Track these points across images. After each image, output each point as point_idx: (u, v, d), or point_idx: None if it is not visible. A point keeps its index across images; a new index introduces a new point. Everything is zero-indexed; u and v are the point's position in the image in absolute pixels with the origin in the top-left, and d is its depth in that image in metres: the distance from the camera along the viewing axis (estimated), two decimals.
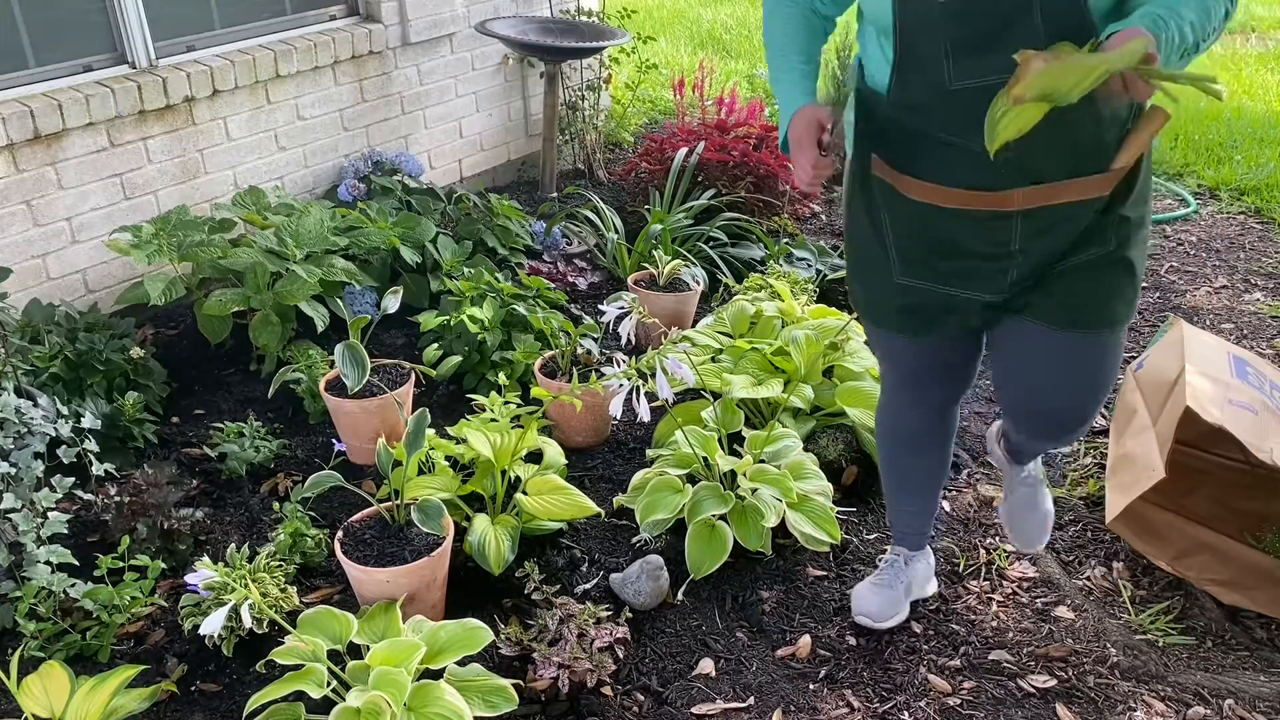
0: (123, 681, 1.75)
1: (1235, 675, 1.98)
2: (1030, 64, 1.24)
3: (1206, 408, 2.06)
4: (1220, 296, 3.55)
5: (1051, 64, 1.23)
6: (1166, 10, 1.32)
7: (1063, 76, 1.24)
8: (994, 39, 1.39)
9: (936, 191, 1.57)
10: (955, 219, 1.58)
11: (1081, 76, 1.24)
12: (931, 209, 1.59)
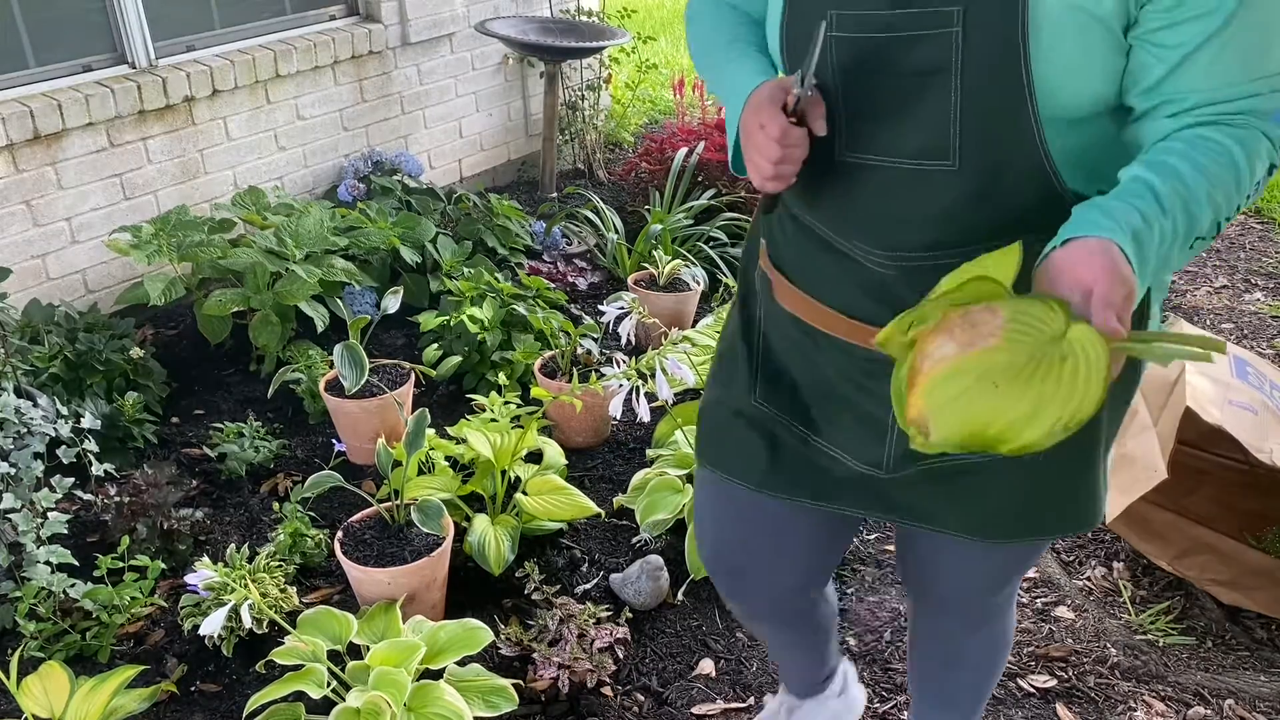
0: (122, 682, 1.75)
1: (1236, 675, 1.98)
2: (930, 344, 0.80)
3: (1206, 408, 2.06)
4: (1220, 296, 3.55)
5: (973, 355, 0.78)
6: (1172, 183, 0.88)
7: (992, 401, 0.78)
8: (894, 104, 0.99)
9: (805, 304, 1.16)
10: (826, 346, 1.16)
11: (1032, 402, 0.78)
12: (799, 325, 1.19)
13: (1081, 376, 0.77)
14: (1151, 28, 0.89)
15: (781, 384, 1.25)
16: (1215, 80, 0.90)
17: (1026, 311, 0.80)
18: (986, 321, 0.80)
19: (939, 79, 0.95)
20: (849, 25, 0.99)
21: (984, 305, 0.81)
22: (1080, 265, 0.83)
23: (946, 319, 0.81)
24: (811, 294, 1.16)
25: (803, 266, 1.17)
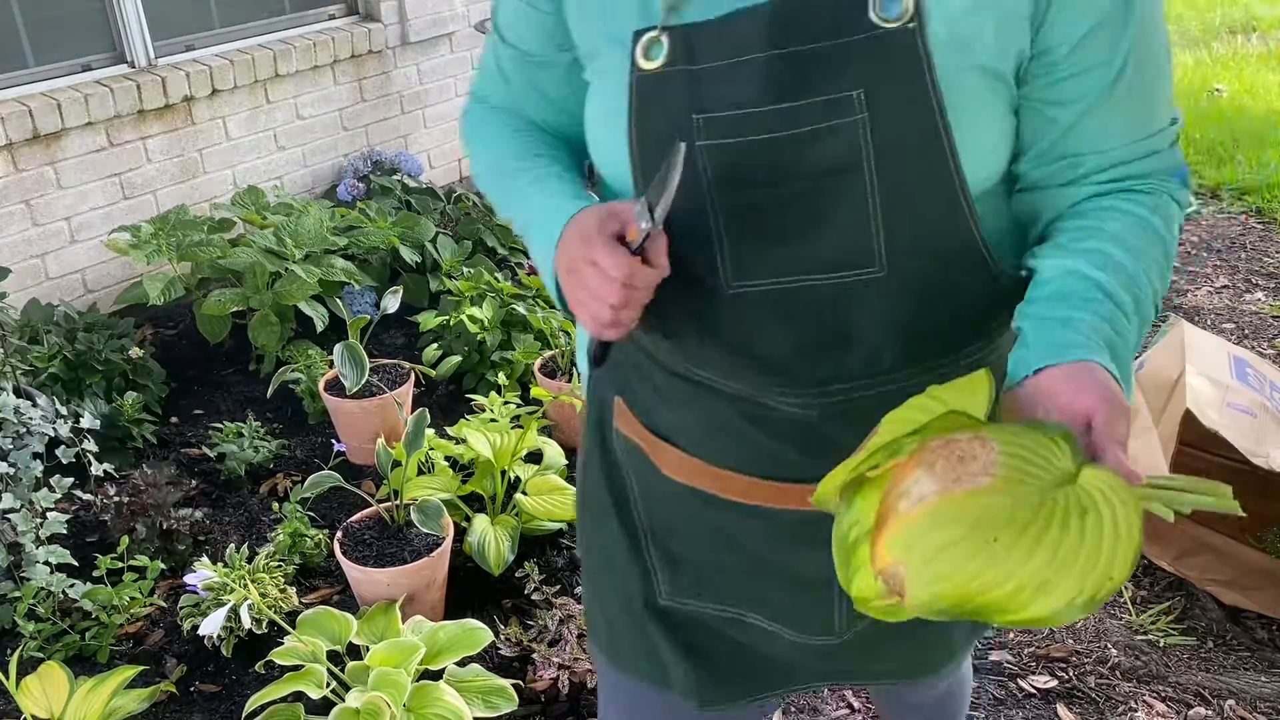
0: (122, 682, 1.75)
1: (1236, 675, 1.98)
2: (905, 479, 0.65)
3: (1205, 411, 2.06)
4: (1221, 296, 3.54)
5: (962, 496, 0.63)
6: (1119, 277, 0.81)
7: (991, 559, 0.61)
8: (795, 216, 0.82)
9: (706, 473, 0.96)
10: (744, 516, 0.97)
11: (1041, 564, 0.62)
12: (701, 497, 0.98)
13: (1108, 535, 0.61)
14: (1041, 85, 0.83)
15: (689, 571, 1.02)
16: (1111, 140, 0.85)
17: (1025, 445, 0.65)
18: (975, 454, 0.64)
19: (848, 177, 0.80)
20: (722, 130, 0.81)
21: (971, 434, 0.65)
22: (1071, 394, 0.71)
23: (925, 448, 0.65)
24: (712, 461, 0.94)
25: (693, 427, 0.94)
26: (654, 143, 0.83)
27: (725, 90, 0.81)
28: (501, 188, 1.00)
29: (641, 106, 0.84)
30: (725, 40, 0.81)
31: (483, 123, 1.04)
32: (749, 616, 1.03)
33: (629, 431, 1.02)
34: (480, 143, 1.03)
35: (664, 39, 0.82)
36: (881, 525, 0.65)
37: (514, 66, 1.00)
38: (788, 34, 0.79)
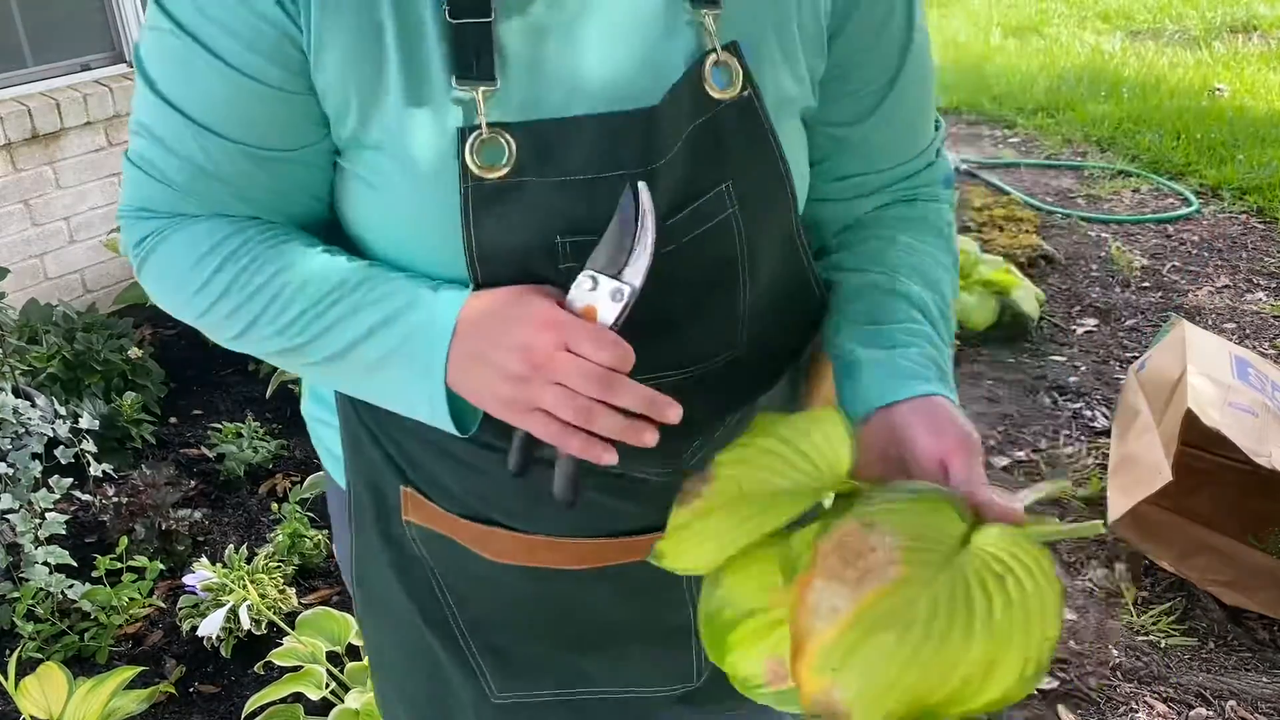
0: (121, 683, 1.74)
1: (1238, 676, 1.98)
2: (809, 593, 0.59)
3: (1207, 410, 2.06)
4: (1222, 296, 3.54)
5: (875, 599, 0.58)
6: (930, 295, 0.82)
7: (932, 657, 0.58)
8: (671, 319, 0.77)
9: (549, 548, 0.85)
10: (595, 582, 0.87)
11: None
12: (542, 574, 0.87)
13: (1032, 594, 0.58)
14: (824, 106, 0.82)
15: (523, 661, 0.90)
16: (893, 155, 0.86)
17: (914, 520, 0.62)
18: (872, 546, 0.59)
19: (726, 271, 0.76)
20: (591, 251, 0.71)
21: (853, 522, 0.61)
22: (926, 438, 0.69)
23: (818, 554, 0.60)
24: (552, 533, 0.84)
25: (522, 502, 0.83)
26: (504, 260, 0.71)
27: (591, 208, 0.70)
28: (293, 314, 0.74)
29: (482, 221, 0.70)
30: (582, 149, 0.70)
31: (190, 247, 0.76)
32: (600, 693, 0.93)
33: (427, 523, 0.86)
34: (213, 273, 0.75)
35: (504, 139, 0.69)
36: (798, 654, 0.58)
37: (231, 162, 0.74)
38: (654, 144, 0.71)
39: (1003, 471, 2.62)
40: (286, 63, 0.69)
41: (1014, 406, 2.90)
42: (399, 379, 0.73)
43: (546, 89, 0.71)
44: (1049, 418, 2.85)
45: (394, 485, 0.87)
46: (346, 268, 0.75)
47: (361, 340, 0.73)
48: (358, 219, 0.78)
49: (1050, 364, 3.12)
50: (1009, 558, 0.60)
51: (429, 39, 0.69)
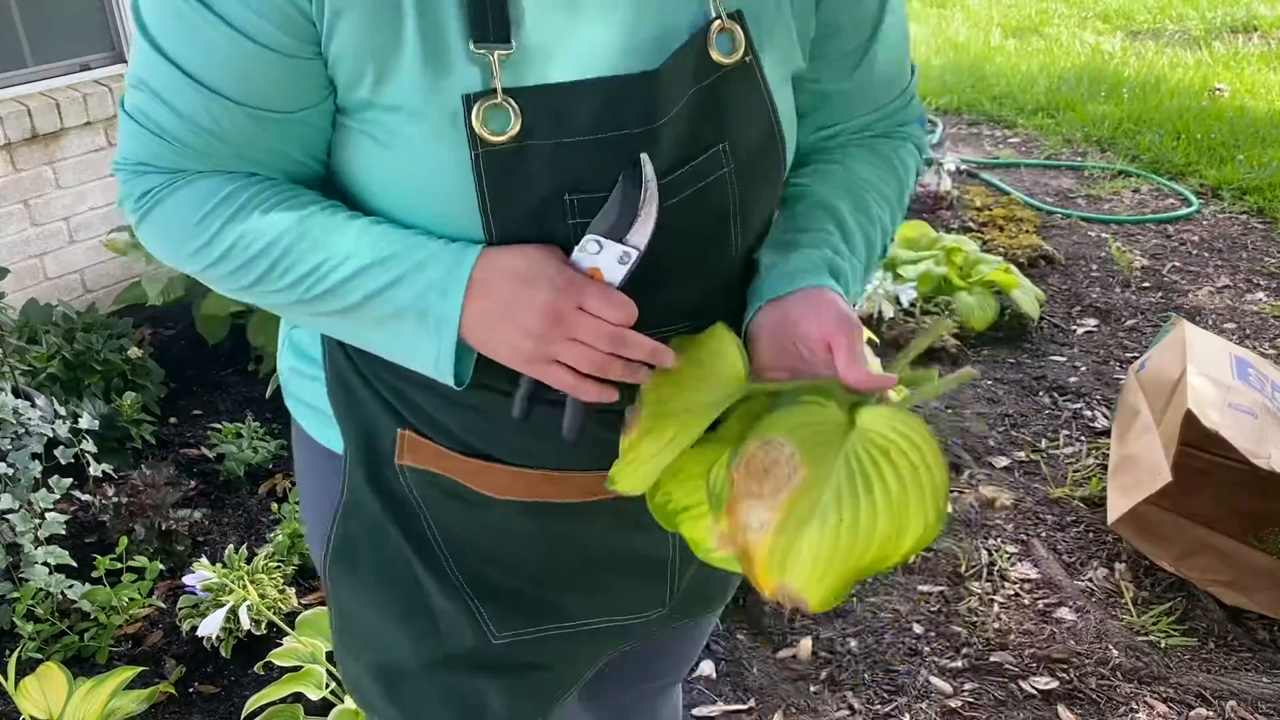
0: (121, 683, 1.74)
1: (1238, 676, 1.98)
2: (739, 516, 0.70)
3: (1206, 411, 2.06)
4: (1222, 296, 3.54)
5: (791, 502, 0.69)
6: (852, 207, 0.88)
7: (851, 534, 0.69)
8: (670, 274, 0.80)
9: (549, 482, 0.88)
10: (589, 514, 0.91)
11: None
12: (541, 508, 0.90)
13: (916, 460, 0.69)
14: (811, 64, 0.86)
15: (515, 596, 0.93)
16: (870, 103, 0.91)
17: (803, 422, 0.71)
18: (776, 459, 0.69)
19: (719, 228, 0.81)
20: (597, 210, 0.76)
21: (754, 443, 0.70)
22: (809, 323, 0.77)
23: (733, 482, 0.70)
24: (552, 466, 0.87)
25: (524, 437, 0.85)
26: (521, 221, 0.74)
27: (597, 167, 0.74)
28: (306, 268, 0.76)
29: (495, 186, 0.73)
30: (589, 111, 0.73)
31: (195, 202, 0.77)
32: (584, 624, 0.97)
33: (426, 464, 0.88)
34: (221, 227, 0.76)
35: (510, 105, 0.71)
36: (748, 563, 0.69)
37: (233, 122, 0.75)
38: (657, 105, 0.74)
39: (1003, 471, 2.62)
40: (294, 30, 0.70)
41: (1014, 406, 2.90)
42: (410, 333, 0.76)
43: (558, 53, 0.73)
44: (1049, 418, 2.85)
45: (389, 429, 0.88)
46: (359, 224, 0.77)
47: (376, 295, 0.75)
48: (366, 176, 0.79)
49: (1050, 364, 3.12)
50: (889, 432, 0.71)
51: (446, 3, 0.70)
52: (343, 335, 0.83)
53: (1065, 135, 5.20)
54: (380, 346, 0.80)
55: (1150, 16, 7.69)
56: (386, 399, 0.87)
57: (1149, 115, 5.26)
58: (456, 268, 0.74)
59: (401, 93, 0.72)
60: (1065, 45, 6.92)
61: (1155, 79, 5.86)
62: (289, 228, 0.76)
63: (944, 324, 0.74)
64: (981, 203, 4.16)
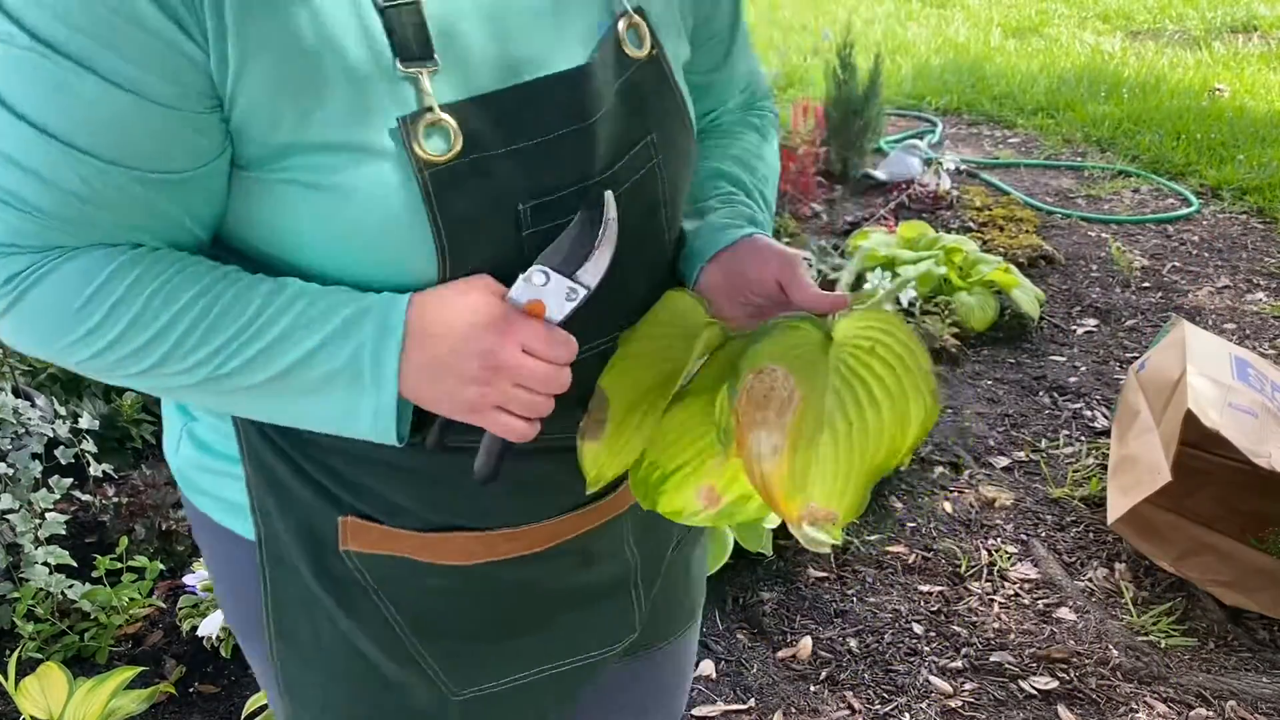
0: (121, 683, 1.74)
1: (1238, 676, 1.98)
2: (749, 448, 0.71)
3: (1206, 411, 2.06)
4: (1222, 296, 3.54)
5: (797, 423, 0.71)
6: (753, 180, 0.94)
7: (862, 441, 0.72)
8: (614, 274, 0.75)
9: (510, 539, 0.85)
10: (551, 560, 0.88)
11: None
12: (502, 566, 0.86)
13: (901, 351, 0.72)
14: (692, 56, 0.90)
15: (471, 654, 0.90)
16: (736, 86, 0.99)
17: (785, 346, 0.74)
18: (771, 385, 0.72)
19: (652, 220, 0.82)
20: (550, 215, 0.73)
21: (747, 375, 0.72)
22: (755, 266, 0.82)
23: (738, 415, 0.72)
24: (511, 523, 0.84)
25: (481, 500, 0.82)
26: (474, 239, 0.70)
27: (546, 170, 0.73)
28: (219, 341, 0.69)
29: (445, 207, 0.68)
30: (528, 115, 0.72)
31: (77, 282, 0.67)
32: (554, 668, 0.94)
33: (373, 547, 0.83)
34: (113, 307, 0.68)
35: (448, 121, 0.68)
36: (769, 492, 0.71)
37: (114, 187, 0.66)
38: (592, 100, 0.74)
39: (1002, 471, 2.62)
40: (184, 81, 0.63)
41: (1014, 406, 2.90)
42: (341, 397, 0.70)
43: (481, 63, 0.70)
44: (1049, 418, 2.85)
45: (328, 517, 0.82)
46: (268, 285, 0.70)
47: (301, 362, 0.69)
48: (293, 227, 0.71)
49: (1050, 364, 3.12)
50: (867, 330, 0.74)
51: (363, 27, 0.66)
52: (259, 412, 0.75)
53: (1065, 135, 5.20)
54: (305, 417, 0.73)
55: (1150, 16, 7.69)
56: (324, 486, 0.81)
57: (1149, 115, 5.26)
58: (387, 320, 0.69)
59: (330, 128, 0.66)
60: (1065, 45, 6.92)
61: (1155, 79, 5.86)
62: (193, 299, 0.68)
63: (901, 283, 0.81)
64: (981, 203, 4.16)
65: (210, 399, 0.74)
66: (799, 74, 5.49)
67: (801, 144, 4.05)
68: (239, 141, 0.68)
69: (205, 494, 0.89)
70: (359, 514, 0.82)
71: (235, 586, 0.92)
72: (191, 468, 0.89)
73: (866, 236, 3.59)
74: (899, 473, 2.58)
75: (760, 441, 0.71)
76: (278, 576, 0.86)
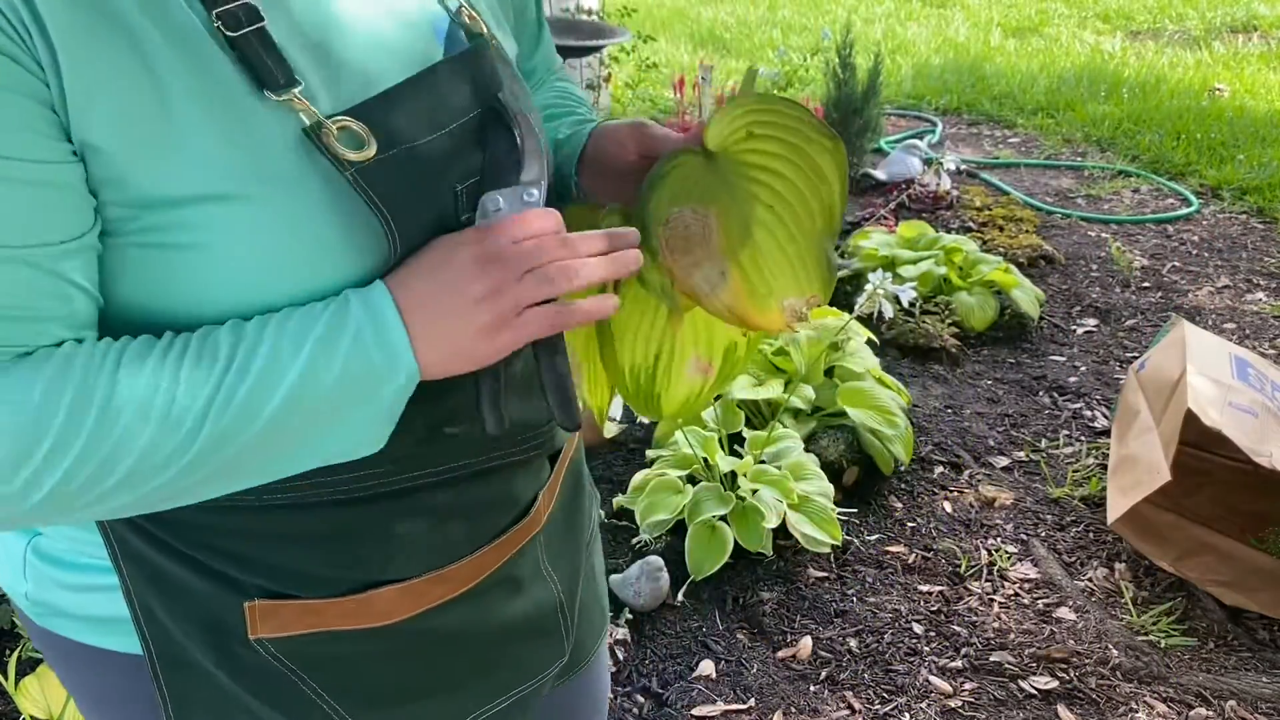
0: None
1: (1238, 676, 1.98)
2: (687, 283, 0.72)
3: (1207, 410, 2.06)
4: (1222, 296, 3.54)
5: (727, 241, 0.72)
6: (573, 101, 1.01)
7: (790, 230, 0.73)
8: None
9: (438, 583, 0.80)
10: (477, 600, 0.84)
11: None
12: (432, 614, 0.81)
13: (774, 118, 0.73)
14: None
15: (410, 711, 0.85)
16: (547, 69, 1.03)
17: (675, 187, 0.74)
18: (682, 224, 0.72)
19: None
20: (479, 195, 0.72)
21: (658, 228, 0.73)
22: (616, 146, 0.85)
23: (670, 267, 0.72)
24: (438, 565, 0.79)
25: (410, 545, 0.78)
26: (420, 229, 0.67)
27: (472, 151, 0.71)
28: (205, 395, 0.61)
29: (385, 198, 0.65)
30: (432, 106, 0.69)
31: (10, 406, 0.58)
32: (493, 707, 0.89)
33: (287, 628, 0.76)
34: (69, 414, 0.58)
35: (352, 124, 0.64)
36: (743, 317, 0.72)
37: (7, 279, 0.58)
38: (490, 78, 0.74)
39: (1002, 471, 2.62)
40: (37, 123, 0.56)
41: (1014, 406, 2.90)
42: (359, 390, 0.64)
43: (346, 73, 0.67)
44: (1049, 418, 2.85)
45: (231, 606, 0.74)
46: (226, 329, 0.63)
47: (305, 374, 0.62)
48: (188, 291, 0.63)
49: (1050, 364, 3.12)
50: (734, 123, 0.73)
51: (214, 61, 0.61)
52: (268, 465, 0.66)
53: (1065, 135, 5.20)
54: (321, 440, 0.66)
55: (1150, 16, 7.70)
56: (221, 572, 0.74)
57: (1149, 115, 5.26)
58: (370, 297, 0.64)
59: (202, 170, 0.60)
60: (1065, 45, 6.92)
61: (1155, 79, 5.87)
62: (156, 369, 0.60)
63: (751, 73, 0.80)
64: (981, 203, 4.16)
65: (204, 477, 0.63)
66: (799, 74, 5.48)
67: None
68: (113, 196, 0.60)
69: (65, 615, 0.79)
70: (267, 594, 0.74)
71: (118, 711, 0.84)
72: (45, 590, 0.79)
73: (867, 236, 3.59)
74: (899, 473, 2.58)
75: (703, 280, 0.71)
76: (177, 683, 0.77)
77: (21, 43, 0.55)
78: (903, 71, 6.32)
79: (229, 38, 0.61)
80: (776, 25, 7.77)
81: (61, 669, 0.85)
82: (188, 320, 0.64)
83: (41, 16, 0.55)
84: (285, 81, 0.63)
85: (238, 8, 0.61)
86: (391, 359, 0.64)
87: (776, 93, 0.78)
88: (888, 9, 8.32)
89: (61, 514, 0.61)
